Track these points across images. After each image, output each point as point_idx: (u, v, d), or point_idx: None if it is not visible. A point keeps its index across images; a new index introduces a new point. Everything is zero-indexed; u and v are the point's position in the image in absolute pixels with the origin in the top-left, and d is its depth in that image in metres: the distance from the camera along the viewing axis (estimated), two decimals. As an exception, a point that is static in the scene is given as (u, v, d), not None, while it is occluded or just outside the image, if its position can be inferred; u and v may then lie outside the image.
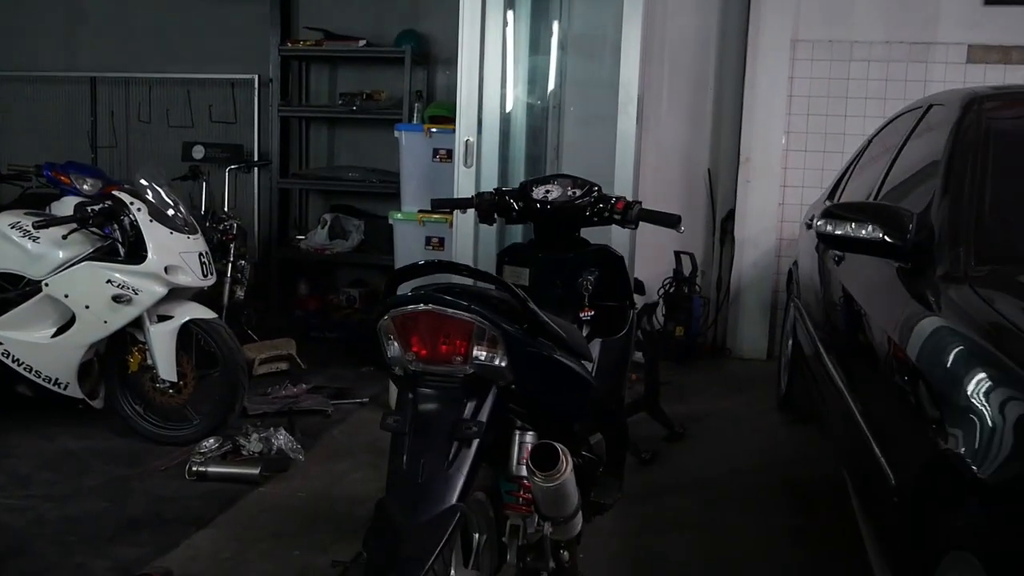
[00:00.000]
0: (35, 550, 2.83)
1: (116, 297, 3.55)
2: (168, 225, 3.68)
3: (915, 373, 1.84)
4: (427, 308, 1.66)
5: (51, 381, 3.72)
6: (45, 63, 6.45)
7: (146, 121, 6.22)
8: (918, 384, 1.82)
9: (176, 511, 3.14)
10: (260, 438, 3.59)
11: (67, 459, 3.62)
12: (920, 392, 1.79)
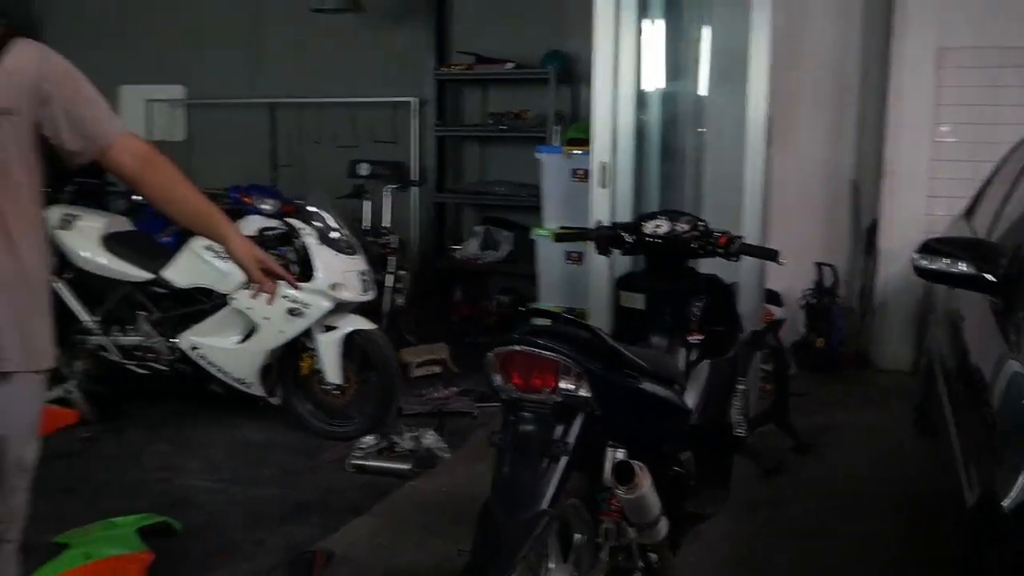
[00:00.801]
0: (224, 526, 3.36)
1: (290, 310, 4.08)
2: (334, 247, 4.18)
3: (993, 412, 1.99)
4: (521, 349, 2.00)
5: (237, 381, 4.30)
6: (232, 91, 7.21)
7: (317, 142, 6.84)
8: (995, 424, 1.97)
9: (338, 499, 3.62)
10: (411, 437, 4.02)
11: (250, 449, 4.19)
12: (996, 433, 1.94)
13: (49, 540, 3.03)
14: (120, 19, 7.48)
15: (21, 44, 1.98)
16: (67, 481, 3.69)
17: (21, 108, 1.94)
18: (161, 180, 2.12)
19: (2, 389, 1.96)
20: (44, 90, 1.96)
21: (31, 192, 2.01)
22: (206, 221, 2.16)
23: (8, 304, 1.94)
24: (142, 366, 4.48)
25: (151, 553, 2.94)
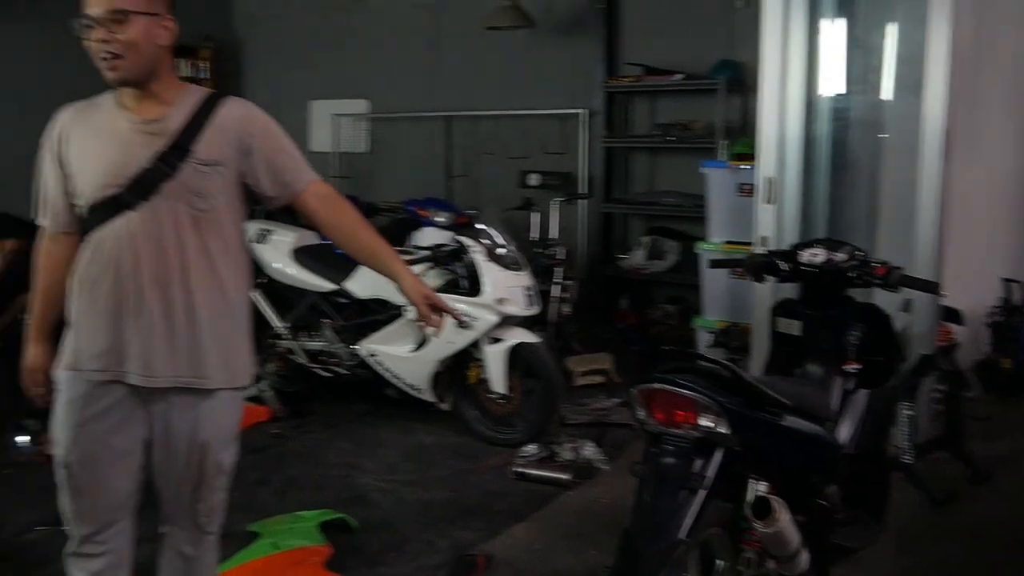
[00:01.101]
0: (395, 525, 3.62)
1: (459, 323, 4.31)
2: (500, 264, 4.39)
3: None
4: (661, 387, 2.09)
5: (410, 386, 4.59)
6: (411, 105, 7.60)
7: (490, 153, 7.11)
8: None
9: (501, 504, 3.81)
10: (571, 448, 4.17)
11: (422, 451, 4.47)
12: None
13: (244, 528, 3.39)
14: (311, 40, 8.04)
15: (230, 102, 2.27)
16: (260, 474, 4.08)
17: (228, 160, 2.21)
18: (343, 222, 2.37)
19: (206, 403, 2.25)
20: (248, 143, 2.23)
21: (235, 233, 2.29)
22: (380, 260, 2.38)
23: (213, 331, 2.23)
24: (326, 369, 4.87)
25: (330, 547, 3.22)
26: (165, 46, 2.18)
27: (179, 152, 2.15)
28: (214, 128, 2.20)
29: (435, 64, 7.51)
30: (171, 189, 2.15)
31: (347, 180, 7.78)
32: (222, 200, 2.22)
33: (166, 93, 2.20)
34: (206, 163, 2.17)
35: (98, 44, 2.09)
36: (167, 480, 2.32)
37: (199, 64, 8.09)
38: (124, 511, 2.33)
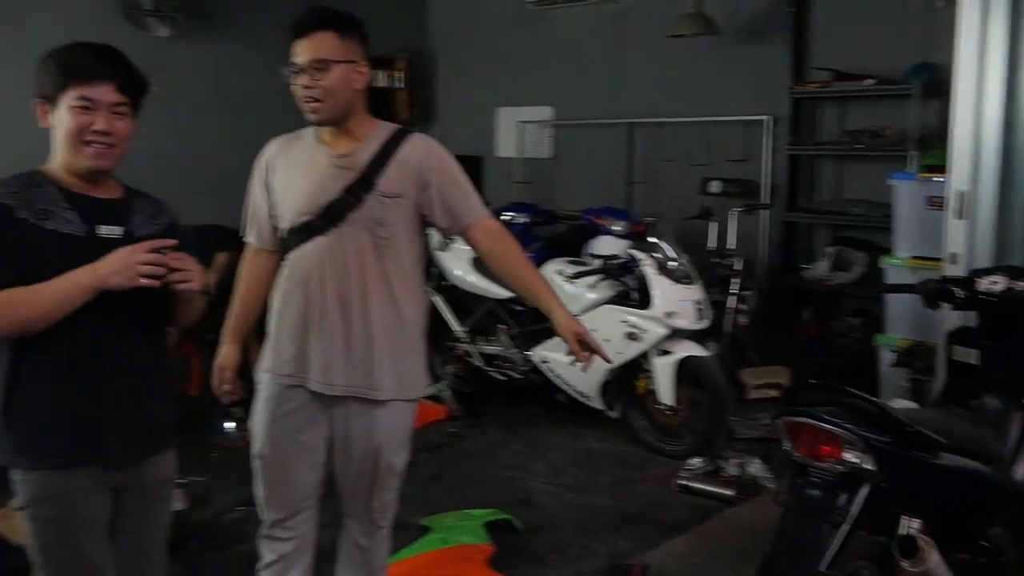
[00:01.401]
0: (558, 528, 3.76)
1: (629, 335, 4.40)
2: (671, 277, 4.43)
3: None
4: (805, 421, 2.09)
5: (580, 394, 4.72)
6: (594, 112, 7.71)
7: (671, 160, 7.09)
8: None
9: (662, 515, 3.87)
10: (737, 463, 4.16)
11: (589, 457, 4.58)
12: None
13: (416, 522, 3.64)
14: (499, 49, 8.30)
15: (413, 138, 2.48)
16: (434, 470, 4.34)
17: (408, 192, 2.42)
18: (506, 257, 2.53)
19: (380, 411, 2.47)
20: (426, 178, 2.43)
21: (412, 258, 2.50)
22: (538, 296, 2.52)
23: (388, 347, 2.44)
24: (501, 373, 5.09)
25: (494, 546, 3.40)
26: (360, 89, 2.41)
27: (365, 185, 2.38)
28: (397, 163, 2.41)
29: (618, 71, 7.58)
30: (356, 218, 2.38)
31: (529, 186, 8.00)
32: (401, 229, 2.43)
33: (359, 130, 2.44)
34: (388, 195, 2.39)
35: (302, 89, 2.35)
36: (345, 477, 2.56)
37: (394, 74, 8.54)
38: (309, 501, 2.60)
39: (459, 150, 8.82)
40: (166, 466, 2.16)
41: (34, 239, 1.88)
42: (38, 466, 1.96)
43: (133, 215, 2.04)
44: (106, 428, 1.97)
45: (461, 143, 8.60)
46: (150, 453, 2.08)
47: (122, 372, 1.99)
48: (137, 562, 2.15)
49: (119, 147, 1.97)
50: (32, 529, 2.01)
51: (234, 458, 4.22)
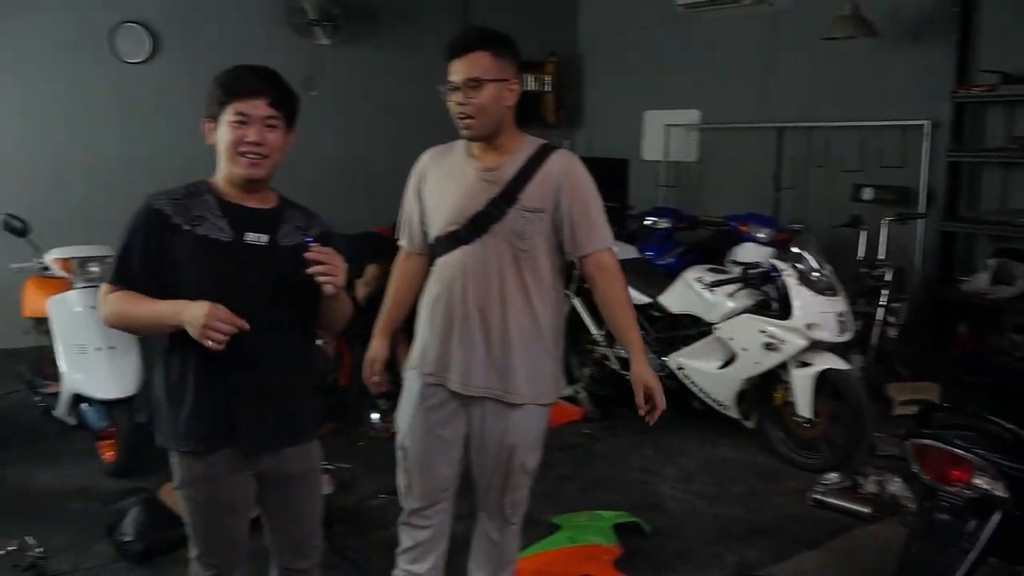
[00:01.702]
0: (686, 535, 3.80)
1: (767, 345, 4.38)
2: (812, 288, 4.37)
3: None
4: (932, 444, 2.08)
5: (716, 402, 4.72)
6: (742, 116, 7.62)
7: (821, 165, 6.93)
8: None
9: (794, 529, 3.84)
10: (876, 480, 4.06)
11: (721, 465, 4.59)
12: None
13: (547, 519, 3.77)
14: (648, 52, 8.32)
15: (557, 155, 2.58)
16: (567, 469, 4.46)
17: (547, 207, 2.54)
18: (609, 297, 2.61)
19: (514, 413, 2.61)
20: (561, 196, 2.53)
21: (550, 269, 2.59)
22: (624, 339, 2.64)
23: (524, 353, 2.57)
24: (636, 376, 5.14)
25: (621, 548, 3.48)
26: (510, 105, 2.54)
27: (508, 199, 2.51)
28: (540, 179, 2.53)
29: (769, 74, 7.46)
30: (498, 230, 2.52)
31: (674, 189, 7.99)
32: (540, 241, 2.54)
33: (508, 144, 2.57)
34: (529, 210, 2.51)
35: (456, 106, 2.50)
36: (480, 474, 2.71)
37: (543, 78, 8.71)
38: (446, 493, 2.77)
39: (605, 153, 9.00)
40: (309, 457, 2.33)
41: (185, 242, 2.10)
42: (180, 448, 2.19)
43: (282, 225, 2.21)
44: (242, 419, 2.16)
45: (607, 146, 8.72)
46: (289, 444, 2.25)
47: (265, 368, 2.18)
48: (292, 546, 2.36)
49: (271, 158, 2.14)
50: (185, 507, 2.27)
51: (379, 447, 4.48)
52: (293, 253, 2.13)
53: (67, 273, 4.44)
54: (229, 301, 2.06)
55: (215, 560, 2.28)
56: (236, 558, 2.31)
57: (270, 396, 2.19)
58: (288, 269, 2.13)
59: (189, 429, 2.16)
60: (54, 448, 4.59)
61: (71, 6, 6.56)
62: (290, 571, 2.40)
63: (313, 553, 2.40)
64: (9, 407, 5.27)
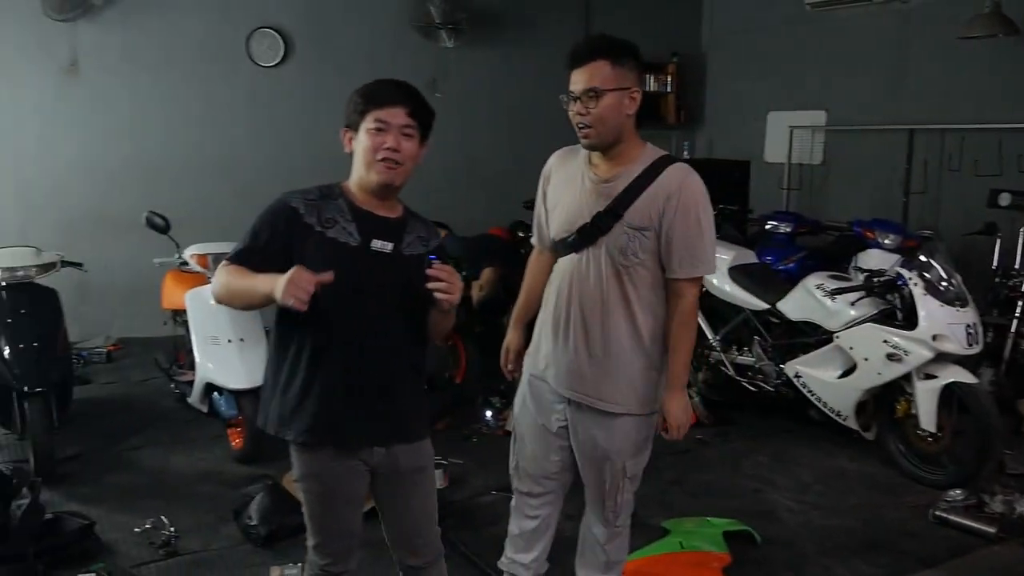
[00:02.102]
0: (798, 545, 3.72)
1: (889, 355, 4.24)
2: (940, 299, 4.20)
3: None
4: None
5: (834, 411, 4.60)
6: (870, 117, 7.36)
7: (955, 169, 6.62)
8: None
9: (912, 545, 3.72)
10: (1004, 500, 3.89)
11: (838, 476, 4.47)
12: None
13: (657, 522, 3.77)
14: (773, 52, 8.15)
15: (672, 169, 2.53)
16: (677, 474, 4.44)
17: (654, 224, 2.50)
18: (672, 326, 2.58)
19: (609, 421, 2.63)
20: (667, 209, 2.49)
21: (653, 284, 2.57)
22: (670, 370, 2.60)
23: (622, 364, 2.59)
24: (752, 384, 5.07)
25: (730, 556, 3.45)
26: (631, 115, 2.53)
27: (613, 216, 2.52)
28: (648, 195, 2.50)
29: (900, 74, 7.19)
30: (603, 243, 2.55)
31: (797, 192, 7.80)
32: (645, 257, 2.53)
33: (627, 153, 2.56)
34: (633, 227, 2.51)
35: (576, 116, 2.53)
36: (584, 474, 2.76)
37: (663, 79, 8.65)
38: (552, 481, 2.83)
39: (726, 154, 8.90)
40: (419, 455, 2.39)
41: (314, 242, 2.19)
42: (287, 437, 2.28)
43: (406, 235, 2.29)
44: (347, 416, 2.24)
45: (728, 147, 8.59)
46: (398, 441, 2.31)
47: (377, 368, 2.25)
48: (403, 541, 2.44)
49: (405, 166, 2.21)
50: (303, 499, 2.38)
51: (492, 444, 4.57)
52: (414, 263, 2.22)
53: (203, 268, 4.70)
54: (351, 304, 2.16)
55: (329, 549, 2.38)
56: (349, 547, 2.40)
57: (379, 395, 2.26)
58: (408, 278, 2.20)
59: (295, 420, 2.25)
60: (186, 433, 4.88)
61: (212, 11, 6.93)
62: (406, 567, 2.48)
63: (426, 551, 2.46)
64: (147, 393, 5.64)
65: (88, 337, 6.45)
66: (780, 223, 6.24)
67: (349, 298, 2.16)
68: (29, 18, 6.35)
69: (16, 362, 4.16)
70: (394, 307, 2.25)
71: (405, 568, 2.48)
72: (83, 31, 6.55)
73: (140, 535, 3.64)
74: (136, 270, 6.50)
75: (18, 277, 4.46)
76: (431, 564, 2.48)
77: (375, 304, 2.22)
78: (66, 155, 6.62)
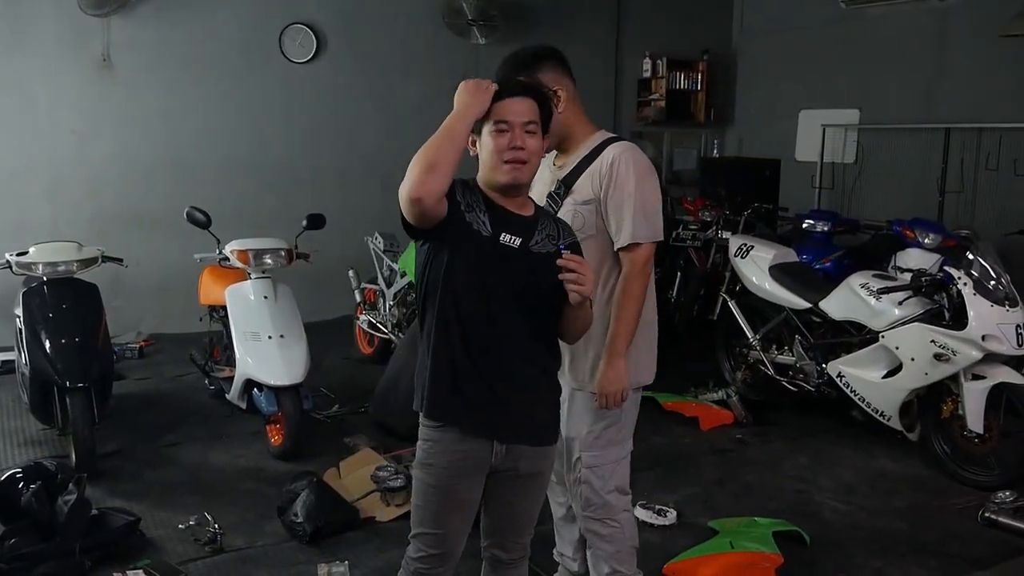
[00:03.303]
0: (846, 547, 3.67)
1: (936, 355, 4.18)
2: (989, 298, 4.14)
3: None
4: None
5: (877, 412, 4.55)
6: (905, 116, 7.30)
7: (993, 169, 6.55)
8: None
9: (960, 548, 3.66)
10: (1057, 502, 3.83)
11: (881, 477, 4.42)
12: None
13: (704, 522, 3.74)
14: (806, 50, 8.10)
15: (613, 145, 2.65)
16: (718, 473, 4.40)
17: (596, 198, 2.61)
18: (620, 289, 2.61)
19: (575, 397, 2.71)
20: (605, 182, 2.60)
21: (601, 257, 2.63)
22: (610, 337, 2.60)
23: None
24: (792, 384, 5.02)
25: (781, 556, 3.41)
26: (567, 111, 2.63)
27: (563, 194, 2.66)
28: (590, 171, 2.63)
29: (937, 73, 7.13)
30: None
31: (829, 191, 7.74)
32: (594, 232, 2.62)
33: (577, 140, 2.71)
34: (579, 203, 2.63)
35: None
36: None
37: (693, 76, 8.61)
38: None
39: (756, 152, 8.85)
40: (541, 460, 2.35)
41: (459, 223, 2.18)
42: (424, 423, 2.27)
43: (535, 232, 2.26)
44: (470, 407, 2.21)
45: (759, 146, 8.54)
46: (518, 442, 2.27)
47: (505, 367, 2.22)
48: (499, 535, 2.40)
49: (531, 163, 2.23)
50: (415, 486, 2.35)
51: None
52: (544, 261, 2.19)
53: (244, 264, 4.68)
54: (479, 293, 2.17)
55: (425, 542, 2.33)
56: (448, 550, 2.34)
57: (502, 392, 2.23)
58: (537, 276, 2.18)
59: (435, 407, 2.24)
60: (224, 429, 4.87)
61: (245, 8, 6.93)
62: (494, 558, 2.44)
63: (517, 548, 2.43)
64: (181, 389, 5.64)
65: (120, 333, 6.45)
66: (817, 222, 6.19)
67: (479, 287, 2.18)
68: (66, 13, 6.37)
69: (58, 357, 4.16)
70: (522, 304, 2.22)
71: (491, 557, 2.45)
72: (117, 26, 6.57)
73: (184, 531, 3.64)
74: (166, 266, 6.54)
75: (60, 272, 4.46)
76: (516, 562, 2.45)
77: (502, 297, 2.20)
78: (100, 150, 6.64)
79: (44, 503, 3.40)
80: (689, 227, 6.40)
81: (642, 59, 8.47)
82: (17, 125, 6.40)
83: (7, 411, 5.13)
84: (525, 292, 2.21)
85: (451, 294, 2.18)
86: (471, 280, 2.18)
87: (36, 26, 6.37)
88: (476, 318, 2.20)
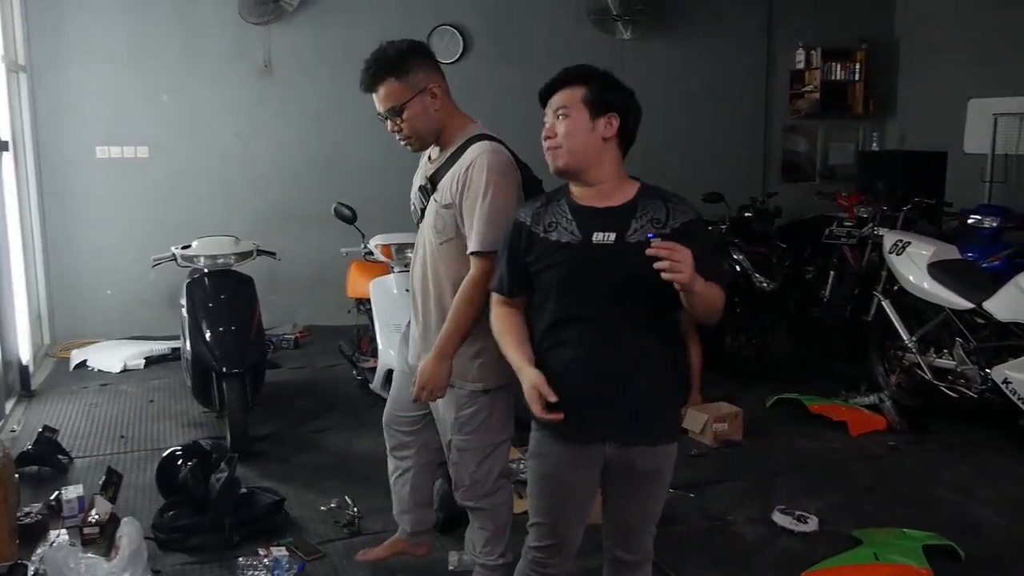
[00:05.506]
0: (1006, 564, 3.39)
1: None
2: None
3: None
4: None
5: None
6: None
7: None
8: None
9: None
10: None
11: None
12: None
13: (848, 531, 3.56)
14: (976, 35, 7.57)
15: (471, 148, 2.58)
16: (868, 480, 4.18)
17: (455, 201, 2.57)
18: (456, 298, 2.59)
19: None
20: (460, 185, 2.55)
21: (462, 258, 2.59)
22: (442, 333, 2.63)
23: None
24: (952, 389, 4.70)
25: (932, 572, 3.19)
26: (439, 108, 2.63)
27: (426, 193, 2.71)
28: (450, 174, 2.60)
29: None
30: (425, 223, 2.72)
31: (1002, 185, 7.21)
32: (453, 234, 2.61)
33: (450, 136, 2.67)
34: (441, 205, 2.61)
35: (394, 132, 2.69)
36: None
37: (850, 66, 8.22)
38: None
39: (920, 145, 8.39)
40: (658, 457, 2.27)
41: (542, 248, 2.21)
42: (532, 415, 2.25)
43: (632, 221, 2.17)
44: (579, 405, 2.17)
45: (923, 138, 8.07)
46: (638, 442, 2.23)
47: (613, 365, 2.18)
48: (619, 535, 2.37)
49: (565, 146, 2.17)
50: (528, 477, 2.37)
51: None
52: (638, 251, 2.05)
53: (387, 258, 4.83)
54: (573, 300, 2.17)
55: (540, 532, 2.34)
56: (566, 538, 2.34)
57: (611, 390, 2.19)
58: (637, 266, 2.04)
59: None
60: (368, 418, 5.00)
61: (393, 11, 7.13)
62: (616, 559, 2.41)
63: (639, 549, 2.38)
64: (331, 379, 5.87)
65: (277, 324, 6.79)
66: (985, 217, 5.77)
67: (572, 296, 2.18)
68: (228, 22, 6.76)
69: (216, 344, 4.41)
70: (624, 299, 2.17)
71: (612, 558, 2.41)
72: (276, 34, 6.91)
73: (326, 513, 3.78)
74: (320, 261, 6.82)
75: (218, 264, 4.73)
76: (639, 564, 2.40)
77: (600, 298, 2.17)
78: (261, 151, 7.00)
79: (199, 480, 3.63)
80: (843, 224, 6.11)
81: (795, 50, 8.17)
82: (189, 128, 6.85)
83: (175, 394, 5.48)
84: (628, 286, 2.14)
85: (557, 301, 2.21)
86: (573, 286, 2.18)
87: (203, 35, 6.79)
88: (579, 321, 2.19)
